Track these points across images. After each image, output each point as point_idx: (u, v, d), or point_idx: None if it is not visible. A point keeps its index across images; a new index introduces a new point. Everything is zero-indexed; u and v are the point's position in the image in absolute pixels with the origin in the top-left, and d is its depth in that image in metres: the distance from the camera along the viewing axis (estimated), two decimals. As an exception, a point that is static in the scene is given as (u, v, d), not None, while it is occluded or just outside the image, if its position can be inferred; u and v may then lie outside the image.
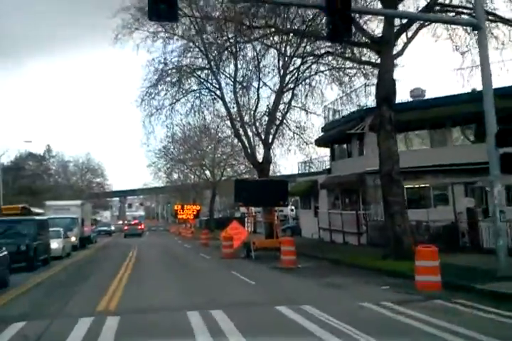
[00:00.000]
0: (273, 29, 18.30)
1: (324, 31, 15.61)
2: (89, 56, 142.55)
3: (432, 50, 20.58)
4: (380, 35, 16.90)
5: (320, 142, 29.42)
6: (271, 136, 30.67)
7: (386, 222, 16.54)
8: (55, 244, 23.32)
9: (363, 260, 16.63)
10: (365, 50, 20.42)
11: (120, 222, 73.02)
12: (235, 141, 43.39)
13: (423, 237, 19.51)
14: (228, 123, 32.94)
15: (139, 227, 53.60)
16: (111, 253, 27.62)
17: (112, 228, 59.80)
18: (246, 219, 46.95)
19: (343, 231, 25.29)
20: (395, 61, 17.82)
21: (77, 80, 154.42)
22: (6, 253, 14.34)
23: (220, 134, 51.63)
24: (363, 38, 17.62)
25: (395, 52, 17.46)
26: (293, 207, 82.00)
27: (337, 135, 26.65)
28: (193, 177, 71.50)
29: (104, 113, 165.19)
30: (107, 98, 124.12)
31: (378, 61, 18.29)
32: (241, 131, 30.37)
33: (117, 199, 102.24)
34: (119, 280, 14.48)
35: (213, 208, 57.48)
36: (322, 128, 29.59)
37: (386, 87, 16.13)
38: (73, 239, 29.72)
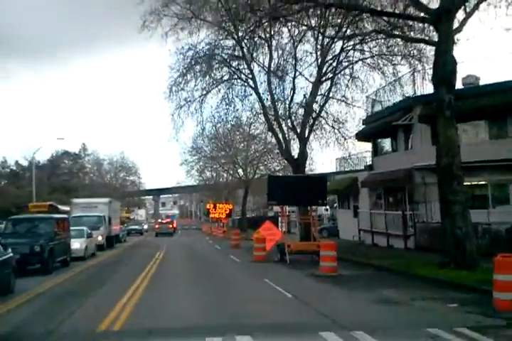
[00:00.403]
0: (312, 3, 15.98)
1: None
2: (122, 54, 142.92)
3: (488, 32, 17.80)
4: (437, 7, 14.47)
5: (361, 136, 27.00)
6: (307, 130, 28.49)
7: (444, 225, 14.12)
8: (76, 244, 21.77)
9: (417, 268, 14.25)
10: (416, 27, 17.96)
11: (154, 221, 71.99)
12: (269, 137, 41.40)
13: (481, 242, 17.01)
14: (261, 116, 30.87)
15: (170, 226, 52.02)
16: (137, 254, 25.98)
17: (145, 227, 58.46)
18: (279, 218, 44.88)
19: (387, 234, 22.86)
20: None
21: (112, 78, 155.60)
22: (11, 255, 12.66)
23: (252, 130, 49.96)
24: (417, 12, 15.23)
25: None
26: (327, 207, 79.53)
27: (380, 127, 24.20)
28: (225, 175, 70.07)
29: (138, 111, 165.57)
30: (140, 96, 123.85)
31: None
32: (275, 125, 28.27)
33: (150, 197, 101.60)
34: (136, 288, 12.62)
35: (246, 207, 55.51)
36: (363, 120, 27.17)
37: (445, 67, 13.73)
38: (99, 238, 28.24)
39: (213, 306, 10.08)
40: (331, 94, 27.96)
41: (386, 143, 26.27)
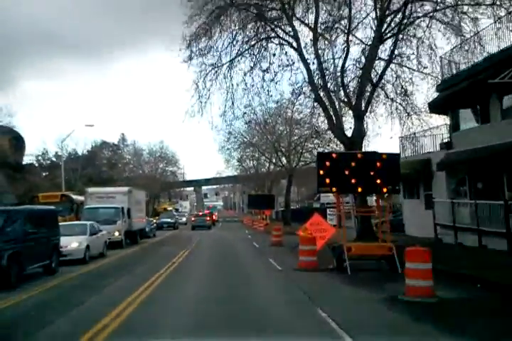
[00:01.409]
0: None
1: None
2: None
3: None
4: None
5: (435, 106, 20.90)
6: (363, 103, 22.71)
7: None
8: (74, 244, 16.98)
9: None
10: None
11: (196, 213, 66.78)
12: (314, 119, 35.53)
13: None
14: (306, 90, 25.16)
15: (207, 218, 46.96)
16: (156, 254, 21.06)
17: (183, 219, 53.53)
18: (328, 211, 39.04)
19: (478, 230, 16.81)
20: None
21: (148, 67, 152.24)
22: None
23: (296, 113, 44.34)
24: None
25: None
26: (385, 196, 72.14)
27: (463, 92, 18.11)
28: (267, 165, 64.74)
29: (176, 100, 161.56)
30: (178, 84, 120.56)
31: None
32: (324, 97, 22.59)
33: (191, 189, 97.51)
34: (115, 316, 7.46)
35: (289, 198, 49.90)
36: (437, 86, 21.04)
37: None
38: (116, 233, 23.53)
39: None
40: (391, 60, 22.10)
41: (469, 115, 20.09)
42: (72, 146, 72.93)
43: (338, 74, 22.67)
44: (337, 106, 22.21)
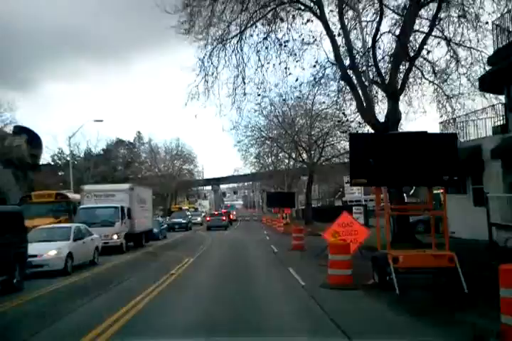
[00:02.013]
0: None
1: None
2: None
3: None
4: None
5: (486, 82, 17.25)
6: (399, 82, 19.32)
7: None
8: (51, 252, 13.89)
9: None
10: None
11: (211, 212, 62.74)
12: (337, 109, 32.04)
13: None
14: (330, 72, 21.74)
15: (223, 218, 43.61)
16: (155, 262, 17.90)
17: (198, 219, 49.85)
18: (354, 209, 35.47)
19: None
20: None
21: (164, 62, 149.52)
22: None
23: (317, 105, 40.90)
24: None
25: None
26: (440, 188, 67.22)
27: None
28: (287, 161, 61.34)
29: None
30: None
31: None
32: (352, 77, 19.18)
33: (208, 188, 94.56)
34: None
35: (311, 195, 46.40)
36: (489, 58, 17.43)
37: None
38: (115, 237, 20.50)
39: None
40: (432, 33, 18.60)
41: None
42: (87, 145, 70.67)
43: (369, 48, 19.24)
44: (367, 85, 18.78)
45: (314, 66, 20.75)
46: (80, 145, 65.49)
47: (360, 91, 18.71)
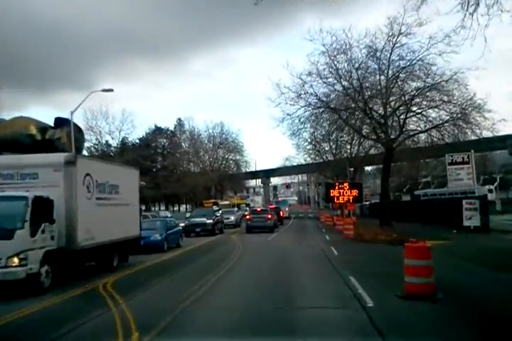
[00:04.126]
0: None
1: None
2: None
3: None
4: None
5: None
6: None
7: None
8: None
9: None
10: None
11: (252, 208, 49.07)
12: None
13: None
14: None
15: (268, 216, 31.12)
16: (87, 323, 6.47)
17: (231, 218, 36.21)
18: (464, 203, 22.52)
19: None
20: None
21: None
22: None
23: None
24: None
25: None
26: (490, 187, 53.38)
27: None
28: (348, 147, 48.81)
29: (237, 78, 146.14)
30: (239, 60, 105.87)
31: None
32: None
33: (256, 181, 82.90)
34: None
35: (388, 185, 33.50)
36: None
37: None
38: (14, 261, 9.20)
39: None
40: None
41: None
42: (124, 134, 61.36)
43: None
44: None
45: None
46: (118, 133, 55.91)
47: None
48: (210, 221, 28.26)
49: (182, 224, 25.42)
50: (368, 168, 66.46)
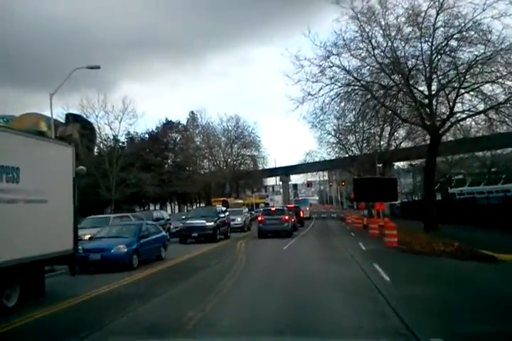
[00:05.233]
0: None
1: None
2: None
3: None
4: None
5: None
6: None
7: None
8: None
9: None
10: None
11: (266, 208, 41.44)
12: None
13: None
14: None
15: (285, 218, 24.49)
16: None
17: (238, 220, 28.96)
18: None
19: None
20: None
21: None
22: None
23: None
24: None
25: None
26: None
27: None
28: (377, 138, 42.47)
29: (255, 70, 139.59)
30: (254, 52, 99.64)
31: None
32: None
33: (273, 179, 76.56)
34: None
35: (433, 180, 26.73)
36: None
37: None
38: None
39: None
40: None
41: None
42: (126, 125, 55.56)
43: None
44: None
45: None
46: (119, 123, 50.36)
47: None
48: (211, 223, 21.85)
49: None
50: (396, 164, 60.35)
